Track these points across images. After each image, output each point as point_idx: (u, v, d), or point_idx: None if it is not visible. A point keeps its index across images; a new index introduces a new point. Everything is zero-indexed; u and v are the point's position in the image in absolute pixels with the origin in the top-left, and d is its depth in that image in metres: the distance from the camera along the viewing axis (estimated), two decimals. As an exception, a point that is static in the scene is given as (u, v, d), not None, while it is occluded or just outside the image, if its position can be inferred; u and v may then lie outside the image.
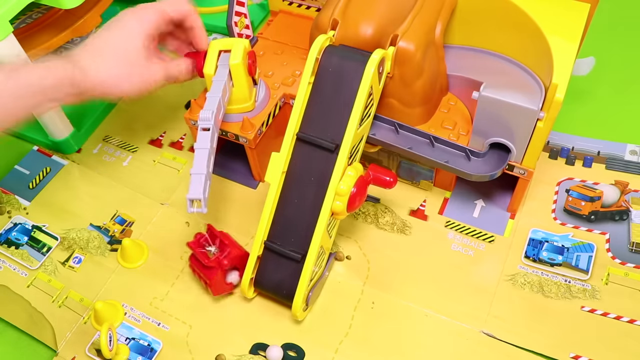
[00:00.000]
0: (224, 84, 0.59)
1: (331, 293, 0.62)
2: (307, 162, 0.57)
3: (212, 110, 0.56)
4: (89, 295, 0.64)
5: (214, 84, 0.59)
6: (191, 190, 0.53)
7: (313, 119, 0.57)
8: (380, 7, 0.59)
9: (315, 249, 0.55)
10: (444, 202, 0.68)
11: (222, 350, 0.59)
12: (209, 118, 0.56)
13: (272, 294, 0.60)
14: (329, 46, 0.57)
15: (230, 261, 0.59)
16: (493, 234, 0.65)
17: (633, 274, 0.60)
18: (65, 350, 0.60)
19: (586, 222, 0.64)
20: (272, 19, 0.77)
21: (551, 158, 0.70)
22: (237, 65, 0.60)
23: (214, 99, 0.58)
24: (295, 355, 0.58)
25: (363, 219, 0.67)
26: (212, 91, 0.59)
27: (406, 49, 0.56)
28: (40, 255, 0.67)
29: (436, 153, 0.61)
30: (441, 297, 0.61)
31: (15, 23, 0.75)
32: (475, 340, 0.58)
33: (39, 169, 0.75)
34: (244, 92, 0.62)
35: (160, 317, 0.62)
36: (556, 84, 0.52)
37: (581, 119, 0.73)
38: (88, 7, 0.74)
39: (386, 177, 0.58)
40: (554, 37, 0.55)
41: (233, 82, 0.61)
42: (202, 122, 0.56)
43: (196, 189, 0.53)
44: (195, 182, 0.53)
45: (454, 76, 0.63)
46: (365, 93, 0.54)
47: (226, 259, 0.58)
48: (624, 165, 0.68)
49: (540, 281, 0.61)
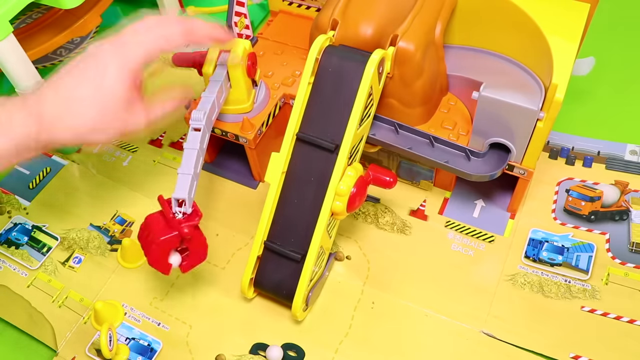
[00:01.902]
0: (221, 84, 0.59)
1: (331, 293, 0.62)
2: (307, 162, 0.57)
3: (205, 110, 0.56)
4: (89, 295, 0.64)
5: (210, 84, 0.59)
6: (177, 190, 0.53)
7: (313, 119, 0.57)
8: (380, 7, 0.59)
9: (315, 249, 0.55)
10: (444, 202, 0.68)
11: (222, 350, 0.59)
12: (200, 118, 0.56)
13: (272, 294, 0.60)
14: (329, 46, 0.57)
15: (189, 233, 0.53)
16: (493, 234, 0.65)
17: (633, 274, 0.60)
18: (65, 350, 0.60)
19: (586, 222, 0.64)
20: (272, 19, 0.77)
21: (551, 158, 0.70)
22: (235, 66, 0.60)
23: (208, 99, 0.57)
24: (295, 355, 0.58)
25: (363, 219, 0.67)
26: (207, 91, 0.58)
27: (406, 49, 0.56)
28: (40, 255, 0.67)
29: (436, 153, 0.61)
30: (441, 297, 0.61)
31: (15, 23, 0.76)
32: (475, 340, 0.58)
33: (39, 169, 0.75)
34: (242, 93, 0.62)
35: (160, 317, 0.62)
36: (556, 84, 0.52)
37: (581, 119, 0.73)
38: (88, 7, 0.74)
39: (386, 177, 0.58)
40: (554, 37, 0.55)
41: (231, 83, 0.61)
42: (194, 122, 0.56)
43: (182, 189, 0.53)
44: (181, 182, 0.53)
45: (454, 76, 0.63)
46: (365, 93, 0.54)
47: (187, 227, 0.52)
48: (624, 165, 0.68)
49: (540, 281, 0.61)
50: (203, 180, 0.72)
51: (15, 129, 0.45)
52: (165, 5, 0.87)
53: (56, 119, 0.47)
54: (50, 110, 0.46)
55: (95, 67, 0.48)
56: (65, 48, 0.85)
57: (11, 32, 0.60)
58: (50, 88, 0.48)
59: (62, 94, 0.47)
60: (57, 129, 0.47)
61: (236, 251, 0.66)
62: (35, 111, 0.46)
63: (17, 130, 0.45)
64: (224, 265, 0.65)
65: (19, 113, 0.46)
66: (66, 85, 0.47)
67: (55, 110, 0.47)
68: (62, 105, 0.47)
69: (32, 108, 0.46)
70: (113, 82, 0.48)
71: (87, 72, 0.48)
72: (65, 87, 0.47)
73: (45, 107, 0.47)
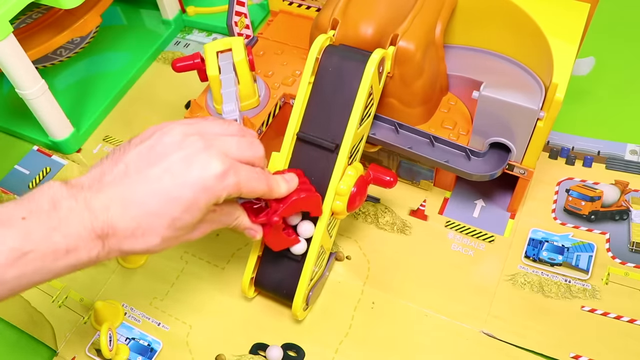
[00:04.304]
0: (234, 78, 0.59)
1: (331, 293, 0.62)
2: (307, 162, 0.57)
3: (234, 101, 0.56)
4: (89, 295, 0.64)
5: (223, 82, 0.59)
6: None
7: (313, 118, 0.57)
8: (380, 6, 0.59)
9: (315, 248, 0.55)
10: (444, 202, 0.68)
11: (222, 350, 0.59)
12: (233, 109, 0.55)
13: (272, 293, 0.60)
14: (329, 46, 0.57)
15: (286, 211, 0.50)
16: (493, 234, 0.65)
17: (633, 273, 0.60)
18: (65, 350, 0.60)
19: (586, 222, 0.64)
20: (272, 19, 0.77)
21: (551, 158, 0.70)
22: (242, 61, 0.60)
23: (231, 92, 0.57)
24: (295, 355, 0.58)
25: (363, 219, 0.67)
26: (226, 86, 0.58)
27: (406, 49, 0.56)
28: (40, 255, 0.67)
29: (436, 153, 0.61)
30: (441, 297, 0.61)
31: (15, 23, 0.76)
32: (475, 340, 0.58)
33: (39, 169, 0.75)
34: (249, 87, 0.62)
35: (160, 317, 0.62)
36: (556, 84, 0.52)
37: (581, 119, 0.74)
38: (88, 7, 0.74)
39: (386, 177, 0.58)
40: (554, 37, 0.55)
41: (239, 79, 0.61)
42: (227, 114, 0.55)
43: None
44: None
45: (454, 76, 0.63)
46: (365, 93, 0.54)
47: (276, 214, 0.50)
48: (624, 165, 0.68)
49: (540, 281, 0.61)
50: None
51: (81, 253, 0.40)
52: (165, 5, 0.87)
53: (119, 219, 0.41)
54: (112, 206, 0.41)
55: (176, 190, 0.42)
56: (65, 48, 0.85)
57: (11, 32, 0.60)
58: (114, 181, 0.42)
59: (126, 193, 0.42)
60: (119, 229, 0.41)
61: (236, 251, 0.66)
62: (95, 207, 0.41)
63: (80, 240, 0.40)
64: (224, 265, 0.65)
65: (77, 215, 0.40)
66: (135, 186, 0.42)
67: (118, 208, 0.41)
68: (125, 206, 0.41)
69: (90, 203, 0.41)
70: (191, 211, 0.43)
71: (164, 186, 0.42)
72: (134, 188, 0.42)
73: (106, 202, 0.41)
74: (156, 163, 0.42)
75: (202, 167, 0.42)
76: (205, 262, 0.65)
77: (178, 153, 0.42)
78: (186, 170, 0.42)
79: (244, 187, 0.45)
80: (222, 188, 0.43)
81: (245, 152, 0.46)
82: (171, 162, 0.42)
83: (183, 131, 0.44)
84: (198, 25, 0.90)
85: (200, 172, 0.42)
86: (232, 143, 0.45)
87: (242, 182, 0.44)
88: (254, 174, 0.46)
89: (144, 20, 0.91)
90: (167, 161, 0.42)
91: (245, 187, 0.45)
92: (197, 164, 0.42)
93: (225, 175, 0.43)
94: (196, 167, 0.42)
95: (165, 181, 0.42)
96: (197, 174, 0.42)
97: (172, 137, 0.43)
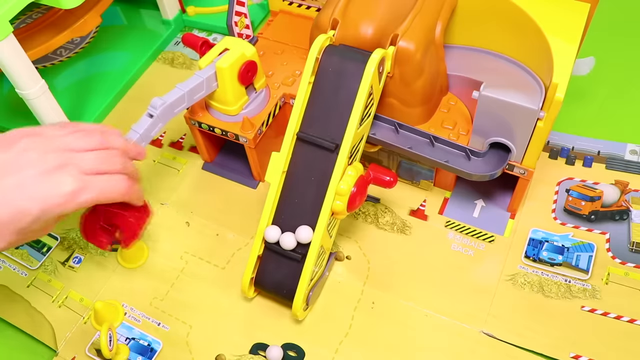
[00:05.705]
0: (202, 81, 0.58)
1: (331, 293, 0.62)
2: (308, 162, 0.57)
3: (166, 101, 0.55)
4: (89, 295, 0.64)
5: (192, 77, 0.58)
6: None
7: (313, 118, 0.57)
8: (380, 6, 0.59)
9: (315, 248, 0.55)
10: (444, 202, 0.68)
11: (222, 350, 0.59)
12: (156, 106, 0.55)
13: (272, 293, 0.60)
14: (329, 46, 0.57)
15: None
16: (493, 234, 0.65)
17: (633, 273, 0.60)
18: (65, 350, 0.60)
19: (586, 222, 0.64)
20: (272, 19, 0.77)
21: (551, 158, 0.70)
22: (223, 69, 0.59)
23: (177, 92, 0.57)
24: (295, 355, 0.58)
25: (363, 219, 0.67)
26: (182, 84, 0.58)
27: (406, 49, 0.56)
28: (40, 255, 0.67)
29: (436, 153, 0.61)
30: (441, 297, 0.61)
31: (15, 23, 0.76)
32: (475, 340, 0.58)
33: (38, 169, 0.75)
34: (227, 96, 0.62)
35: (160, 317, 0.62)
36: (556, 84, 0.52)
37: (581, 119, 0.74)
38: (88, 7, 0.74)
39: (386, 177, 0.58)
40: (554, 37, 0.55)
41: (217, 83, 0.61)
42: (151, 107, 0.55)
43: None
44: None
45: (454, 76, 0.63)
46: (365, 93, 0.54)
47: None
48: (624, 165, 0.68)
49: (540, 281, 0.61)
50: (203, 180, 0.72)
51: None
52: (165, 5, 0.87)
53: None
54: None
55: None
56: (65, 48, 0.85)
57: (11, 32, 0.60)
58: None
59: None
60: None
61: (236, 251, 0.66)
62: None
63: None
64: (224, 265, 0.65)
65: None
66: None
67: None
68: None
69: None
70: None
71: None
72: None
73: None
74: (13, 174, 0.45)
75: (56, 185, 0.45)
76: (205, 262, 0.65)
77: (35, 168, 0.45)
78: (39, 187, 0.45)
79: (100, 198, 0.49)
80: (75, 204, 0.47)
81: (102, 166, 0.49)
82: (26, 177, 0.45)
83: (44, 147, 0.46)
84: (198, 25, 0.90)
85: (53, 190, 0.45)
86: (90, 158, 0.48)
87: (97, 195, 0.48)
88: (111, 183, 0.49)
89: (144, 20, 0.91)
90: (23, 174, 0.45)
91: (103, 197, 0.49)
92: (51, 182, 0.45)
93: (77, 194, 0.46)
94: (49, 184, 0.45)
95: (17, 194, 0.45)
96: (48, 191, 0.45)
97: (32, 153, 0.46)
